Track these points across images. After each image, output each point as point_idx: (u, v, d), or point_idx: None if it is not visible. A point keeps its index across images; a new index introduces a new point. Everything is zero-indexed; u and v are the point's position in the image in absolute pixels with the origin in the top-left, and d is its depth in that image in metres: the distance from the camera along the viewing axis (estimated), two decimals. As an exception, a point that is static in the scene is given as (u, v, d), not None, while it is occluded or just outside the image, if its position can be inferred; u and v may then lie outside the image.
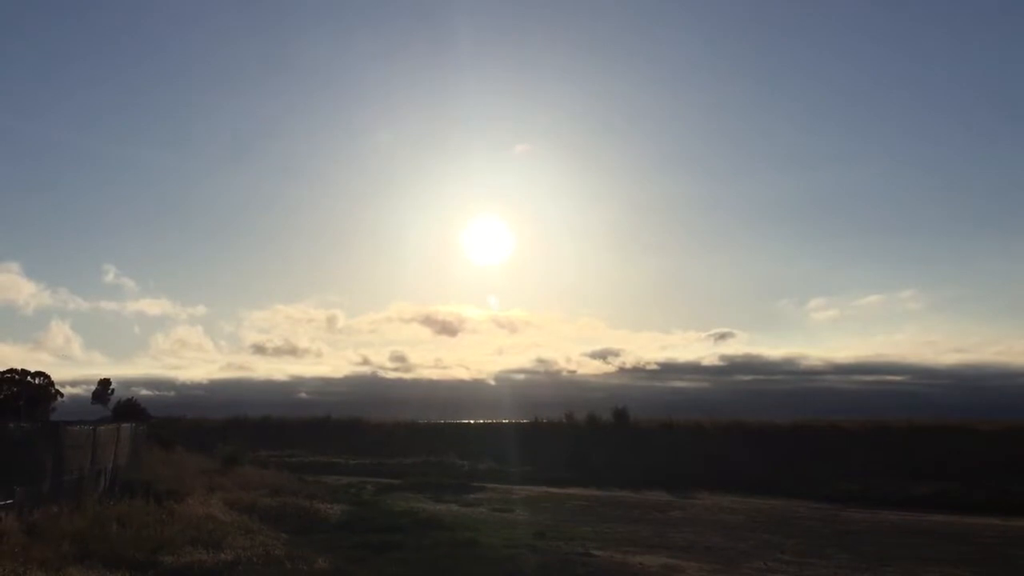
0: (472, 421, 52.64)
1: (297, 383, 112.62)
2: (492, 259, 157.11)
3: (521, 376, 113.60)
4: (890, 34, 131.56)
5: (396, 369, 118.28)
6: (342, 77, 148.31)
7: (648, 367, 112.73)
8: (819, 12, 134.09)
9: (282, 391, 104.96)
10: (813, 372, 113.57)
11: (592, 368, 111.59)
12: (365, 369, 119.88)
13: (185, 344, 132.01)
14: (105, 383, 46.81)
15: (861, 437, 33.42)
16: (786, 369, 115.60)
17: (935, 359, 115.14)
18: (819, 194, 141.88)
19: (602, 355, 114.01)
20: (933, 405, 71.64)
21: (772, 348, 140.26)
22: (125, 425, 21.31)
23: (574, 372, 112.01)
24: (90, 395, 47.71)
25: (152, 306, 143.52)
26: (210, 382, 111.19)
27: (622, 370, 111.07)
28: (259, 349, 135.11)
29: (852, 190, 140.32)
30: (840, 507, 22.64)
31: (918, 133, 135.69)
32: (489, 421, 50.70)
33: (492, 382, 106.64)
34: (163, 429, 35.57)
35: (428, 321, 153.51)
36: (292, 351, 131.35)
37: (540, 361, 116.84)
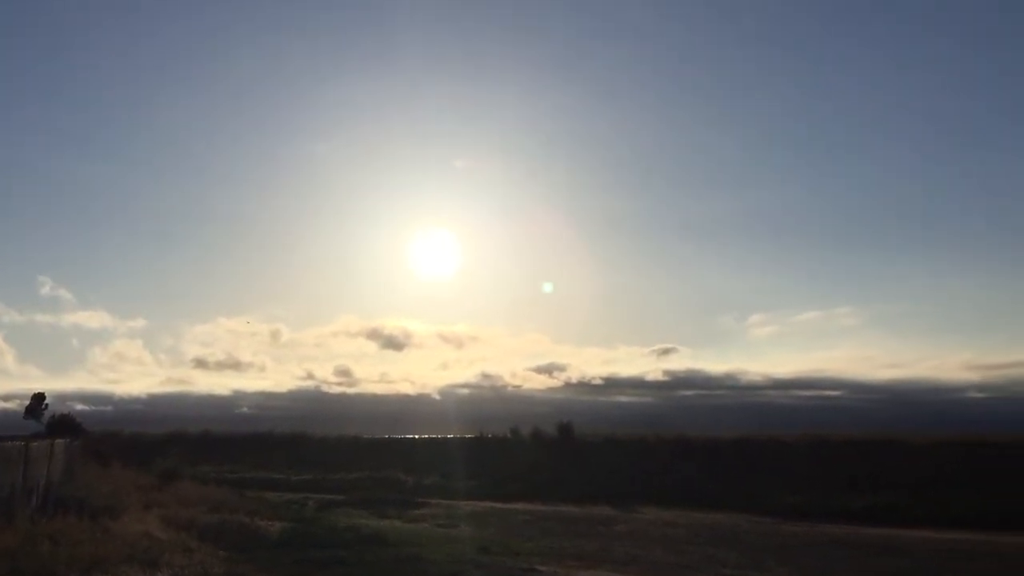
0: (417, 436, 52.34)
1: (239, 398, 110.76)
2: (438, 273, 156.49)
3: (466, 391, 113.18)
4: (827, 53, 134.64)
5: (340, 384, 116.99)
6: (282, 85, 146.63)
7: (592, 382, 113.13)
8: (760, 34, 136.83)
9: (224, 406, 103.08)
10: (754, 387, 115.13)
11: (537, 383, 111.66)
12: (309, 383, 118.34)
13: (123, 358, 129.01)
14: (39, 397, 45.44)
15: (800, 451, 33.96)
16: (728, 384, 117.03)
17: (871, 374, 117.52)
18: (758, 212, 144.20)
19: (547, 370, 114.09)
20: (869, 419, 73.07)
21: (714, 363, 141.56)
22: (59, 440, 20.74)
23: (519, 387, 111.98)
24: (23, 410, 46.32)
25: (90, 319, 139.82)
26: (149, 396, 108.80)
27: (567, 385, 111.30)
28: (200, 363, 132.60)
29: (790, 208, 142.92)
30: (781, 521, 22.95)
31: (853, 153, 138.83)
32: (434, 436, 50.47)
33: (437, 397, 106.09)
34: (100, 444, 34.70)
35: (374, 335, 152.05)
36: (234, 365, 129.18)
37: (485, 376, 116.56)
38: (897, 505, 24.07)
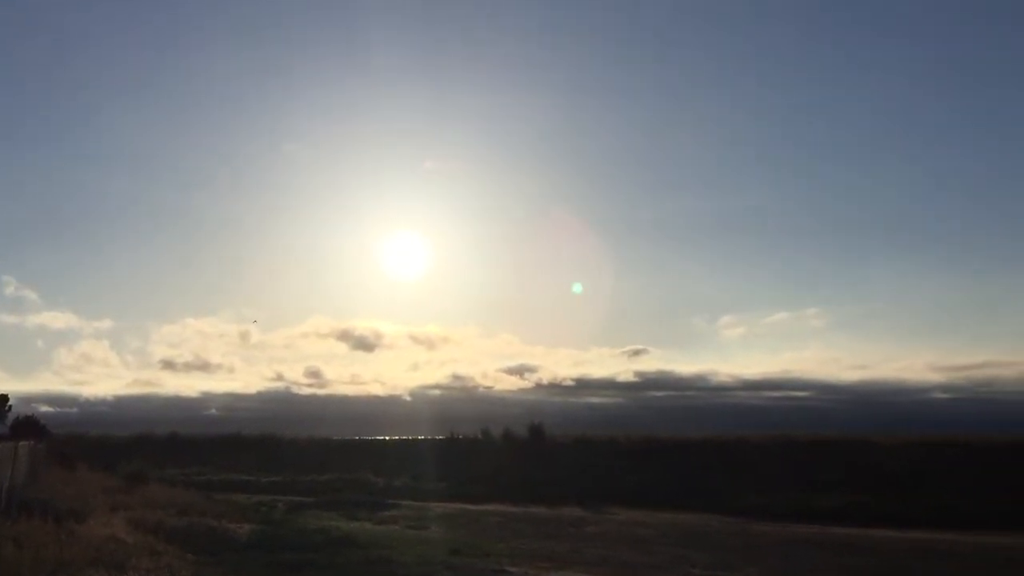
0: (388, 437, 52.19)
1: (207, 399, 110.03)
2: (409, 274, 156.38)
3: (437, 392, 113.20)
4: (798, 57, 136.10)
5: (311, 385, 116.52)
6: (252, 86, 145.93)
7: (564, 383, 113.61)
8: (732, 36, 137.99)
9: (192, 407, 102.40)
10: (723, 388, 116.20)
11: (508, 384, 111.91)
12: (279, 385, 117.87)
13: (90, 359, 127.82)
14: (2, 399, 44.78)
15: (769, 451, 34.27)
16: (698, 385, 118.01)
17: (838, 375, 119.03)
18: (729, 215, 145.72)
19: (518, 371, 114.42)
20: (836, 420, 73.91)
21: (684, 364, 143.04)
22: (23, 443, 20.45)
23: (490, 388, 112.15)
24: (-15, 412, 45.58)
25: (55, 319, 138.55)
26: (116, 398, 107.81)
27: (538, 386, 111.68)
28: (168, 364, 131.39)
29: (759, 211, 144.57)
30: (749, 520, 23.14)
31: (822, 157, 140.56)
32: (405, 437, 50.35)
33: (408, 398, 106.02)
34: (65, 447, 34.30)
35: (344, 336, 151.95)
36: (203, 366, 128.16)
37: (456, 377, 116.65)
38: (863, 505, 24.37)
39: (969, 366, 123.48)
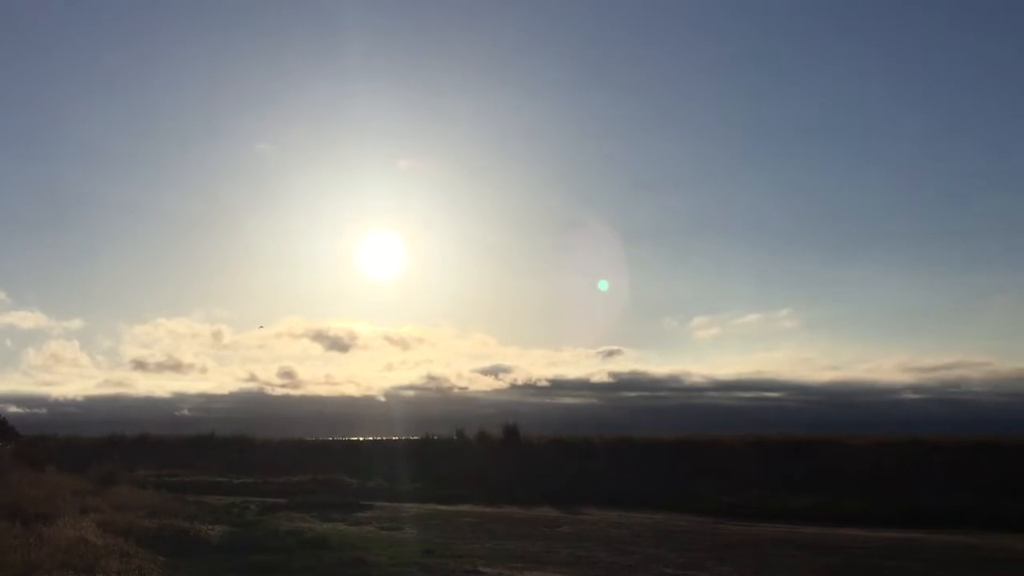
0: (362, 438, 52.03)
1: (179, 400, 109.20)
2: (384, 275, 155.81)
3: (411, 392, 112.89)
4: (769, 57, 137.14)
5: (284, 385, 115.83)
6: (225, 84, 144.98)
7: (538, 383, 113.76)
8: (703, 37, 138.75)
9: (163, 408, 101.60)
10: (696, 388, 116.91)
11: (483, 384, 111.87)
12: (252, 385, 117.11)
13: (59, 359, 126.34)
14: (-31, 400, 44.14)
15: (741, 452, 34.45)
16: (671, 386, 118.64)
17: (809, 376, 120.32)
18: (701, 216, 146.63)
19: (493, 371, 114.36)
20: (808, 420, 74.60)
21: (658, 365, 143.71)
22: (-9, 444, 20.19)
23: (465, 388, 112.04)
24: (-47, 413, 44.93)
25: (24, 319, 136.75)
26: (86, 399, 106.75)
27: (513, 386, 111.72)
28: (139, 365, 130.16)
29: (732, 212, 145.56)
30: (722, 520, 23.27)
31: (793, 158, 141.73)
32: (379, 438, 50.21)
33: (382, 399, 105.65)
34: (32, 448, 33.92)
35: (319, 337, 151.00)
36: (175, 367, 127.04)
37: (431, 378, 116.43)
38: (834, 504, 24.56)
39: (938, 367, 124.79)
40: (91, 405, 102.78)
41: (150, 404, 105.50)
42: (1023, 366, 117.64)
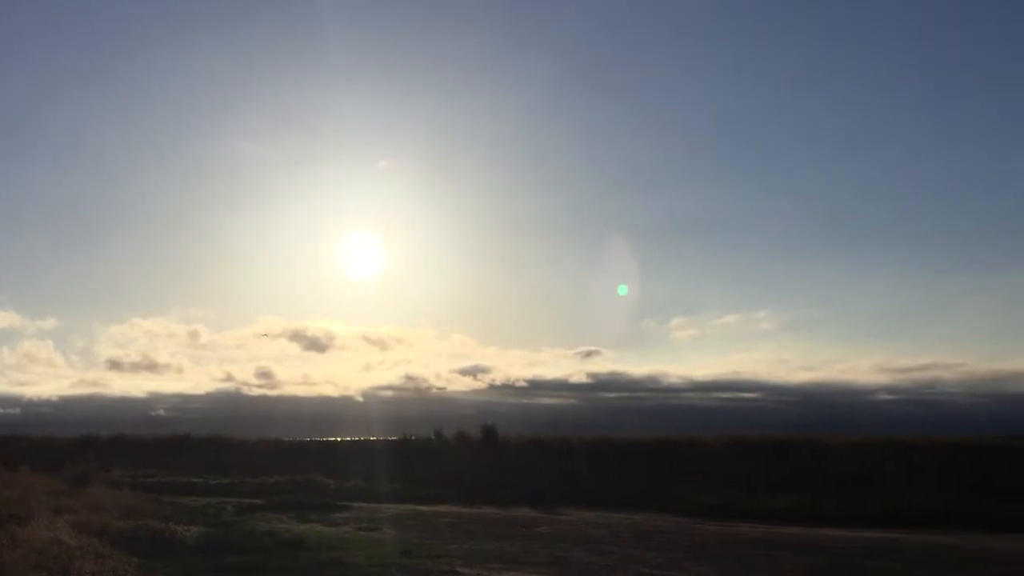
0: (339, 439, 51.85)
1: (155, 400, 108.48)
2: (362, 275, 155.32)
3: (390, 393, 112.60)
4: (747, 58, 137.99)
5: (261, 386, 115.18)
6: (204, 83, 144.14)
7: (517, 384, 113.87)
8: (680, 36, 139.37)
9: (139, 408, 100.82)
10: (674, 389, 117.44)
11: (461, 385, 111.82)
12: (228, 385, 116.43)
13: (33, 359, 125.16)
14: (-59, 399, 43.66)
15: (719, 452, 34.62)
16: (649, 386, 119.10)
17: (786, 377, 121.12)
18: (680, 217, 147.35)
19: (471, 372, 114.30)
20: (785, 420, 75.09)
21: (636, 366, 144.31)
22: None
23: (443, 389, 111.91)
24: (-76, 413, 44.38)
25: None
26: (60, 399, 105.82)
27: (491, 387, 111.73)
28: (114, 364, 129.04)
29: (710, 214, 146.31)
30: (700, 521, 23.34)
31: (771, 160, 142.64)
32: (357, 439, 50.05)
33: (360, 399, 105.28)
34: (6, 448, 33.56)
35: (296, 337, 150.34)
36: (151, 367, 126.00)
37: (409, 378, 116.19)
38: (812, 505, 24.70)
39: (913, 368, 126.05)
40: (65, 405, 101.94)
41: (125, 404, 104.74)
42: (997, 367, 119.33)
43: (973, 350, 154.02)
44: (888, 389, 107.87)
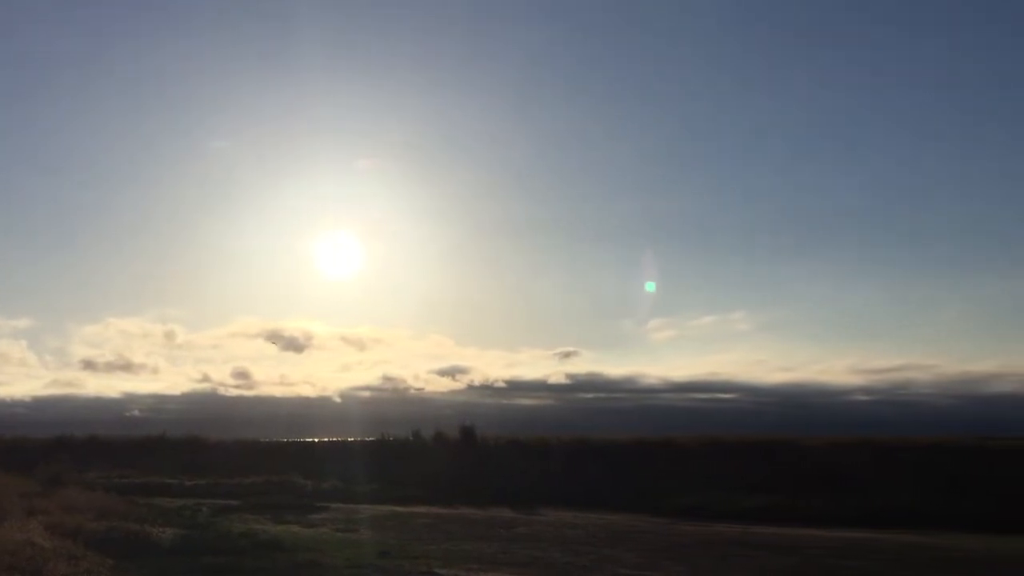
0: (317, 439, 51.63)
1: (130, 400, 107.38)
2: (340, 275, 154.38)
3: (367, 393, 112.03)
4: (719, 60, 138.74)
5: (238, 386, 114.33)
6: (179, 82, 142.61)
7: (495, 384, 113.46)
8: (651, 38, 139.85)
9: (113, 409, 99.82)
10: (652, 390, 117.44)
11: (440, 385, 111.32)
12: (205, 386, 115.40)
13: (6, 359, 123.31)
14: (-89, 400, 43.10)
15: (696, 452, 34.78)
16: (627, 387, 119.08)
17: (763, 377, 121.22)
18: (657, 219, 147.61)
19: (450, 372, 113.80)
20: (761, 421, 75.52)
21: (614, 367, 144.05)
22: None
23: (421, 389, 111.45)
24: None
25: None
26: (33, 399, 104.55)
27: (470, 387, 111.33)
28: (89, 364, 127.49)
29: (687, 215, 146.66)
30: (677, 521, 23.46)
31: (746, 162, 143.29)
32: (335, 439, 49.86)
33: (338, 399, 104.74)
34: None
35: (273, 337, 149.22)
36: (126, 367, 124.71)
37: (387, 378, 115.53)
38: (790, 505, 24.89)
39: (888, 369, 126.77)
40: (39, 406, 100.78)
41: (100, 405, 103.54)
42: (969, 369, 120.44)
43: (946, 352, 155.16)
44: (863, 390, 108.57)
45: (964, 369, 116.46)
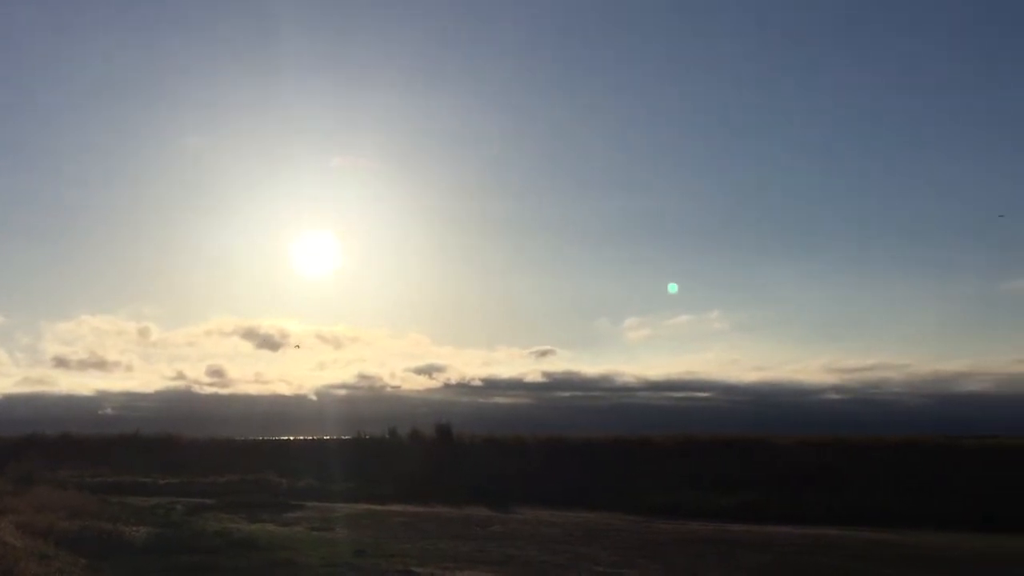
0: (292, 438, 51.34)
1: (103, 398, 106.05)
2: (317, 273, 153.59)
3: (344, 391, 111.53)
4: (698, 56, 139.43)
5: (213, 384, 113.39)
6: (154, 79, 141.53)
7: (472, 383, 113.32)
8: (632, 34, 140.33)
9: (86, 407, 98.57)
10: (628, 388, 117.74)
11: (416, 384, 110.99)
12: (179, 384, 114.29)
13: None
14: None
15: (671, 451, 34.92)
16: (603, 386, 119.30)
17: (738, 376, 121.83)
18: (633, 217, 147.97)
19: (426, 371, 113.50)
20: (736, 420, 75.90)
21: (590, 365, 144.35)
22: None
23: (398, 388, 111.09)
24: None
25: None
26: (4, 397, 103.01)
27: (446, 386, 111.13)
28: (61, 362, 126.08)
29: (663, 214, 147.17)
30: (653, 519, 23.58)
31: (722, 160, 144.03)
32: (310, 437, 49.59)
33: (314, 397, 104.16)
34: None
35: (249, 335, 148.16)
36: (99, 364, 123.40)
37: (363, 377, 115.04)
38: (764, 503, 25.09)
39: (860, 368, 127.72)
40: (9, 404, 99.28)
41: (72, 403, 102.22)
42: (940, 368, 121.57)
43: (918, 351, 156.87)
44: (836, 389, 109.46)
45: (935, 368, 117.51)
